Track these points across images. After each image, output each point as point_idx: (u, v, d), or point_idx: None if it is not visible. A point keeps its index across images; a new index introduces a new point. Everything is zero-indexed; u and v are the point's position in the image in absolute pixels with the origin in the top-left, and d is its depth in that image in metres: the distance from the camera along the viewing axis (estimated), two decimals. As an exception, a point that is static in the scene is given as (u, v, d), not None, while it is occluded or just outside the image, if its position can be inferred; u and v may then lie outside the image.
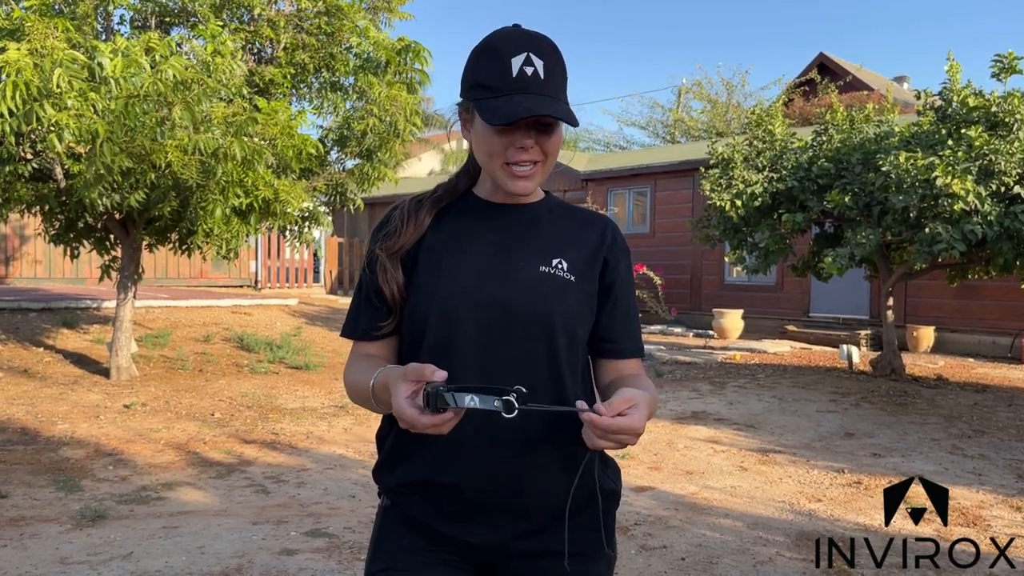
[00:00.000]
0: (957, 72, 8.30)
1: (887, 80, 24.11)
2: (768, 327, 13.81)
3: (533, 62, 1.26)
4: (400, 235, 1.37)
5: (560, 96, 1.29)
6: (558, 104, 1.27)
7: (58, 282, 14.45)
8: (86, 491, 4.56)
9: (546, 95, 1.26)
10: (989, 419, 7.10)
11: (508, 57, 1.26)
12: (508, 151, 1.30)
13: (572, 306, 1.35)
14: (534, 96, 1.25)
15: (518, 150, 1.29)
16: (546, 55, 1.28)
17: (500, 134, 1.29)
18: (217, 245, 7.42)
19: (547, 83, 1.27)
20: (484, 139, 1.31)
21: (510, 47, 1.27)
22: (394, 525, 1.40)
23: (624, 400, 1.17)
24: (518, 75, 1.25)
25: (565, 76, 1.32)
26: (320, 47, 7.47)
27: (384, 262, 1.36)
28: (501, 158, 1.31)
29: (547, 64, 1.28)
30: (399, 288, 1.35)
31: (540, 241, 1.39)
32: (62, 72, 5.54)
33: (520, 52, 1.26)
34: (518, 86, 1.25)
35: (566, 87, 1.32)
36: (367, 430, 6.25)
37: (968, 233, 7.43)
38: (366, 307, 1.41)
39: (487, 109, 1.27)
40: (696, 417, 7.11)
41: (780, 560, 3.71)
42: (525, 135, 1.28)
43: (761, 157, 9.46)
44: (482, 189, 1.43)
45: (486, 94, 1.28)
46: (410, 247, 1.37)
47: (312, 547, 3.77)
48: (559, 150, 1.34)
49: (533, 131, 1.29)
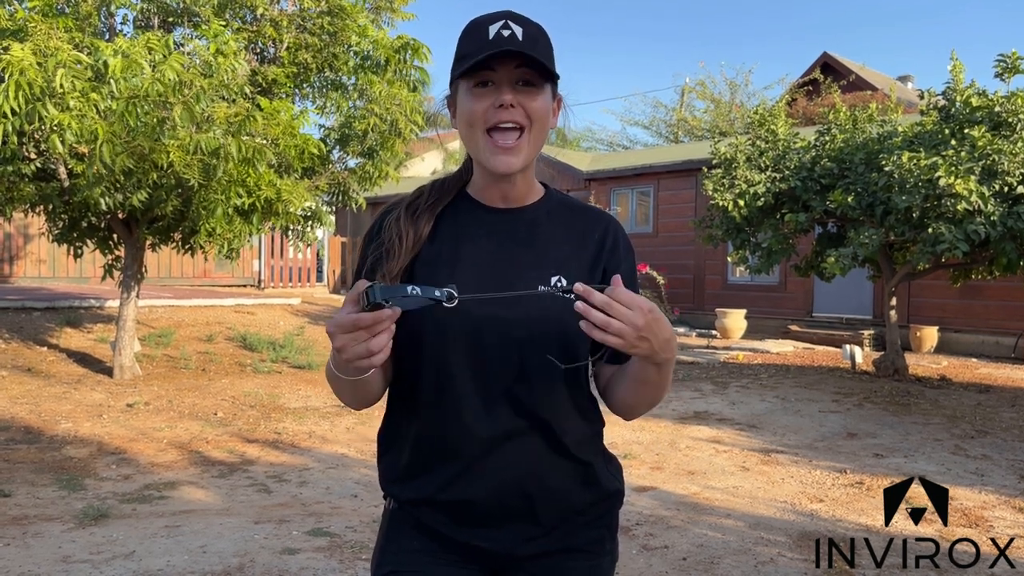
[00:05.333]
0: (960, 72, 8.29)
1: (891, 79, 24.07)
2: (771, 327, 13.80)
3: (511, 27, 1.23)
4: (399, 255, 1.30)
5: (542, 57, 1.23)
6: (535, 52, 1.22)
7: (62, 281, 14.48)
8: (89, 490, 4.57)
9: (526, 52, 1.21)
10: (992, 419, 7.09)
11: (486, 25, 1.24)
12: (488, 112, 1.24)
13: (571, 325, 1.26)
14: (512, 51, 1.21)
15: (498, 109, 1.23)
16: (527, 26, 1.24)
17: (479, 97, 1.24)
18: (219, 244, 7.43)
19: (526, 44, 1.22)
20: (464, 107, 1.26)
21: (488, 18, 1.25)
22: (401, 528, 1.39)
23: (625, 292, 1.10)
24: (495, 37, 1.22)
25: (550, 50, 1.27)
26: (323, 47, 7.48)
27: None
28: (482, 123, 1.24)
29: (527, 32, 1.23)
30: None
31: (538, 255, 1.33)
32: (64, 72, 5.56)
33: (499, 20, 1.23)
34: (495, 44, 1.21)
35: (552, 58, 1.27)
36: (370, 429, 6.26)
37: (971, 233, 7.42)
38: None
39: (461, 68, 1.23)
40: (698, 417, 7.10)
41: (781, 560, 3.71)
42: (506, 91, 1.23)
43: (764, 157, 9.46)
44: (475, 188, 1.38)
45: (464, 63, 1.24)
46: (405, 267, 1.31)
47: (314, 546, 3.78)
48: (547, 118, 1.28)
49: (515, 90, 1.24)
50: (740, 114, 23.07)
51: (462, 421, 1.29)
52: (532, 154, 1.29)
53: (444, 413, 1.30)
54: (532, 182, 1.37)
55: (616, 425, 6.44)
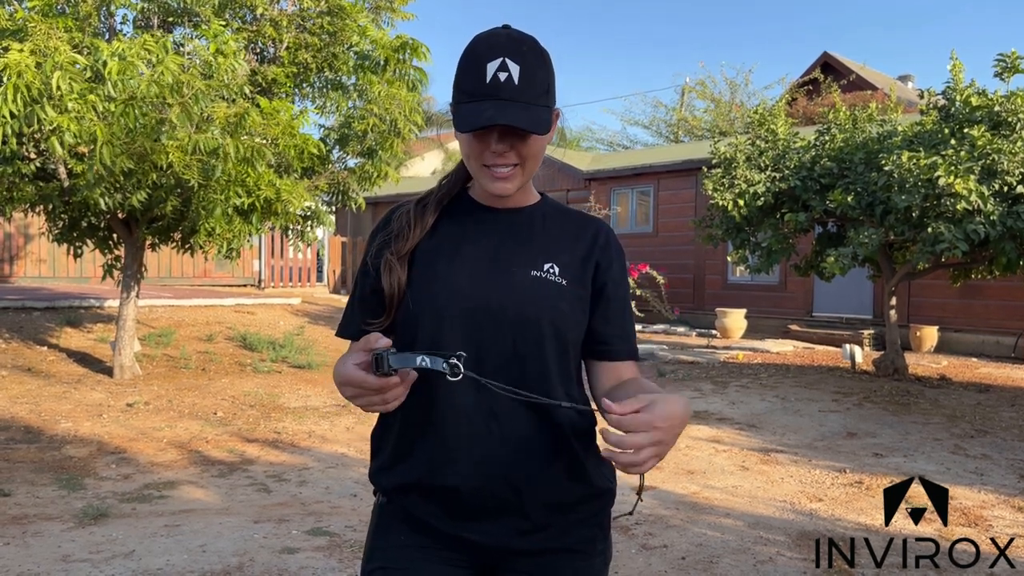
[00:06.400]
0: (960, 71, 8.29)
1: (891, 79, 24.06)
2: (771, 327, 13.80)
3: (508, 67, 1.26)
4: (408, 238, 1.39)
5: (536, 101, 1.28)
6: (527, 111, 1.26)
7: (62, 281, 14.49)
8: (88, 489, 4.57)
9: (518, 100, 1.26)
10: (992, 419, 7.09)
11: (484, 62, 1.26)
12: (484, 154, 1.31)
13: (563, 310, 1.35)
14: (504, 102, 1.25)
15: (493, 154, 1.30)
16: (525, 59, 1.27)
17: (476, 138, 1.30)
18: (219, 244, 7.43)
19: (521, 88, 1.26)
20: (463, 142, 1.34)
21: (487, 52, 1.27)
22: (391, 523, 1.41)
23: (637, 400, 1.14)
24: (491, 80, 1.26)
25: (547, 80, 1.31)
26: (323, 46, 7.48)
27: (392, 263, 1.37)
28: (479, 160, 1.32)
29: (524, 69, 1.27)
30: (400, 288, 1.36)
31: (533, 246, 1.39)
32: (61, 75, 5.55)
33: (496, 57, 1.26)
34: (490, 91, 1.26)
35: (548, 92, 1.31)
36: (369, 429, 6.25)
37: (971, 233, 7.42)
38: (360, 307, 1.42)
39: (458, 115, 1.29)
40: (698, 416, 7.10)
41: (780, 560, 3.71)
42: (499, 141, 1.29)
43: (764, 157, 9.46)
44: (476, 190, 1.44)
45: (463, 98, 1.29)
46: (412, 249, 1.39)
47: (313, 546, 3.78)
48: (541, 151, 1.34)
49: (507, 136, 1.29)
50: (740, 114, 23.06)
51: (452, 403, 1.32)
52: (527, 178, 1.37)
53: (434, 396, 1.32)
54: (529, 187, 1.44)
55: (616, 425, 6.45)
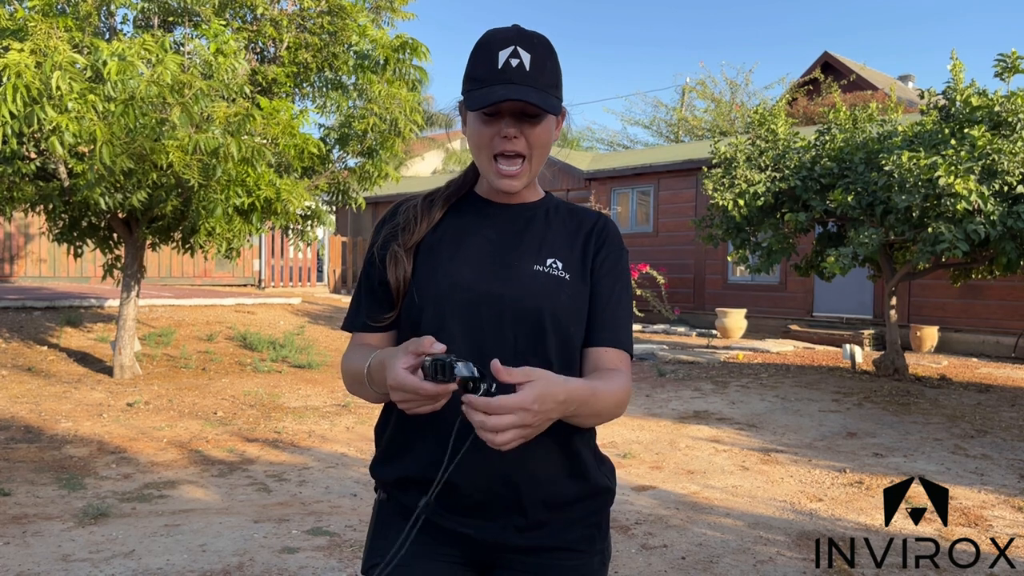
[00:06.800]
0: (960, 71, 8.29)
1: (891, 79, 24.07)
2: (771, 326, 13.80)
3: (520, 55, 1.30)
4: (415, 231, 1.41)
5: (546, 88, 1.32)
6: (538, 94, 1.30)
7: (62, 281, 14.49)
8: (89, 489, 4.58)
9: (529, 85, 1.30)
10: (992, 419, 7.09)
11: (496, 50, 1.31)
12: (494, 140, 1.33)
13: (564, 303, 1.36)
14: (516, 85, 1.29)
15: (503, 139, 1.32)
16: (535, 50, 1.32)
17: (486, 124, 1.33)
18: (219, 244, 7.43)
19: (532, 75, 1.30)
20: (473, 130, 1.36)
21: (500, 42, 1.32)
22: (391, 520, 1.41)
23: (523, 373, 1.11)
24: (503, 66, 1.30)
25: (556, 73, 1.35)
26: (323, 46, 7.48)
27: (398, 254, 1.39)
28: (488, 149, 1.34)
29: (535, 58, 1.31)
30: (406, 280, 1.38)
31: (536, 240, 1.41)
32: (61, 75, 5.55)
33: (508, 46, 1.31)
34: (503, 77, 1.29)
35: (558, 84, 1.35)
36: (369, 429, 6.26)
37: (971, 233, 7.42)
38: (367, 299, 1.44)
39: (470, 98, 1.32)
40: (698, 416, 7.10)
41: (780, 559, 3.71)
42: (510, 124, 1.32)
43: (764, 156, 9.46)
44: (482, 187, 1.46)
45: (474, 85, 1.32)
46: (418, 242, 1.41)
47: (313, 545, 3.78)
48: (548, 143, 1.36)
49: (518, 121, 1.32)
50: (740, 114, 23.06)
51: (452, 398, 1.30)
52: (534, 175, 1.40)
53: None
54: (534, 184, 1.47)
55: (616, 424, 6.45)
